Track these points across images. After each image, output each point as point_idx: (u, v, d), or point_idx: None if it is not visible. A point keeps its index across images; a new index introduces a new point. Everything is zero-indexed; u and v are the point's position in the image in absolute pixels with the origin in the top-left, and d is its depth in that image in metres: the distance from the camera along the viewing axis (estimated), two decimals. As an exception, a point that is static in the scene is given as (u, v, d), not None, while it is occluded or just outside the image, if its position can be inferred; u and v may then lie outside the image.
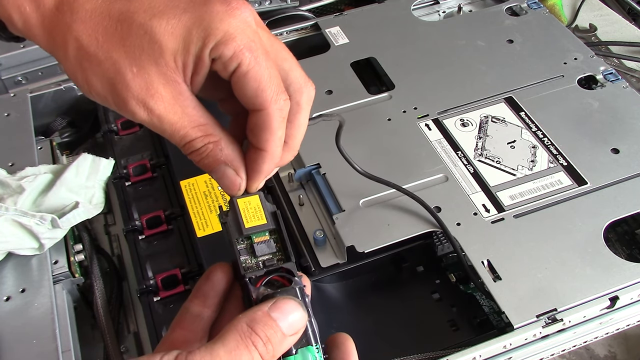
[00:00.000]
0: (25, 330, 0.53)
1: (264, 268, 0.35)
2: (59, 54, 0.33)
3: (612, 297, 0.52)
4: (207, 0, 0.32)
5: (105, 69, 0.32)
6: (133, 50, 0.31)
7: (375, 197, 0.60)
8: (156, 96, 0.32)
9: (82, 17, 0.32)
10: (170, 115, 0.32)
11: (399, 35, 0.78)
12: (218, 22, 0.31)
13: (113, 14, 0.32)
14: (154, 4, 0.32)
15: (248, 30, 0.32)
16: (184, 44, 0.31)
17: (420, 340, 0.56)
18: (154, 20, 0.31)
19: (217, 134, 0.34)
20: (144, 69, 0.31)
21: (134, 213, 0.64)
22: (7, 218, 0.56)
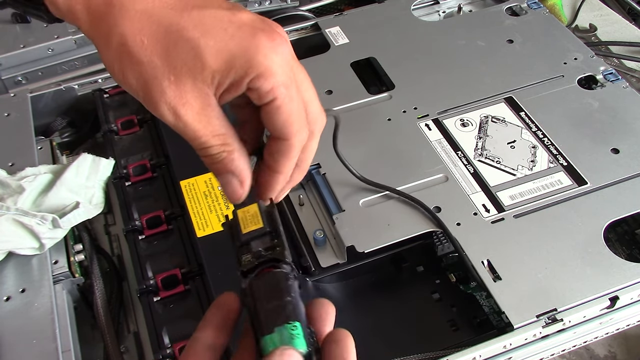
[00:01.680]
0: (25, 330, 0.53)
1: (256, 260, 0.36)
2: (99, 41, 0.35)
3: (612, 297, 0.52)
4: (254, 32, 0.33)
5: (144, 70, 0.33)
6: (175, 60, 0.33)
7: (375, 197, 0.60)
8: (187, 105, 0.34)
9: (131, 15, 0.33)
10: (195, 123, 0.34)
11: (399, 35, 0.78)
12: (262, 56, 0.33)
13: (163, 22, 0.33)
14: (204, 22, 0.33)
15: (287, 67, 0.34)
16: (226, 66, 0.33)
17: (420, 340, 0.56)
18: (202, 38, 0.33)
19: (233, 145, 0.36)
20: (181, 79, 0.33)
21: (134, 213, 0.64)
22: (8, 217, 0.56)
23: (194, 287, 0.59)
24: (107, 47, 0.34)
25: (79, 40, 0.83)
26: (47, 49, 0.80)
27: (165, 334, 0.55)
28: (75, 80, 0.77)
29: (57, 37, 0.81)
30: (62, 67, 0.82)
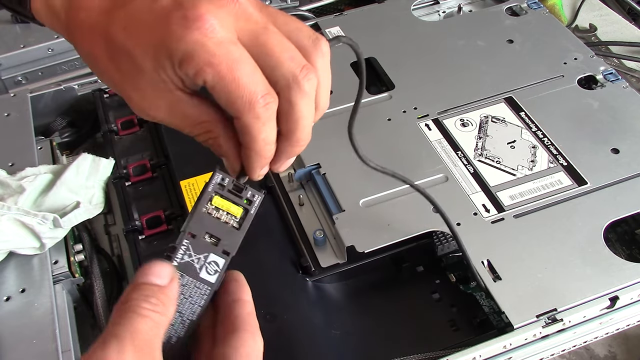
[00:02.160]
0: (25, 330, 0.53)
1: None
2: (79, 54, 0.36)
3: (612, 297, 0.52)
4: (168, 17, 0.31)
5: (111, 81, 0.34)
6: (123, 68, 0.33)
7: (375, 197, 0.60)
8: (154, 107, 0.34)
9: (84, 33, 0.34)
10: (171, 119, 0.34)
11: (399, 35, 0.78)
12: (176, 41, 0.31)
13: (102, 33, 0.33)
14: (128, 20, 0.32)
15: (209, 43, 0.31)
16: (158, 63, 0.32)
17: (420, 340, 0.56)
18: (129, 40, 0.32)
19: (217, 131, 0.35)
20: (137, 85, 0.33)
21: (134, 213, 0.64)
22: (9, 217, 0.56)
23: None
24: (82, 60, 0.36)
25: (79, 40, 0.83)
26: (47, 49, 0.81)
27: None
28: (75, 80, 0.77)
29: (57, 37, 0.81)
30: (62, 67, 0.82)
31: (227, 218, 0.35)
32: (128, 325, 0.30)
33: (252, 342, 0.34)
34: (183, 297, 0.34)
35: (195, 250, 0.35)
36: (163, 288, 0.32)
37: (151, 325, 0.31)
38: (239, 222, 0.35)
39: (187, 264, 0.34)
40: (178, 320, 0.34)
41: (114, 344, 0.29)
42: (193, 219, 0.35)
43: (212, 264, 0.35)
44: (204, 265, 0.35)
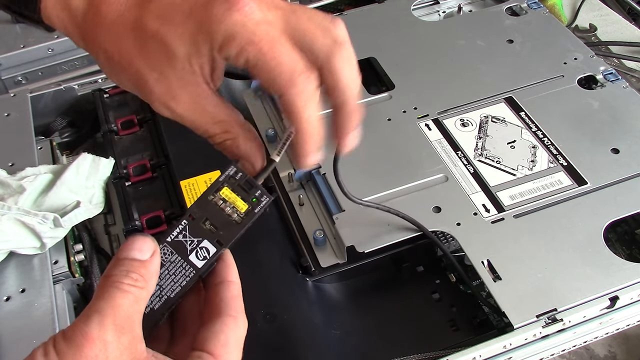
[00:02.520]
0: (25, 330, 0.53)
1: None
2: (92, 55, 0.36)
3: (612, 297, 0.52)
4: (207, 2, 0.32)
5: (130, 75, 0.34)
6: (152, 57, 0.33)
7: (375, 197, 0.60)
8: (176, 99, 0.34)
9: (105, 29, 0.34)
10: (190, 114, 0.35)
11: (399, 35, 0.78)
12: (217, 24, 0.32)
13: (131, 25, 0.34)
14: (162, 10, 0.33)
15: (249, 23, 0.32)
16: (195, 47, 0.33)
17: (420, 340, 0.56)
18: (163, 27, 0.33)
19: (235, 131, 0.35)
20: (163, 74, 0.33)
21: (134, 213, 0.64)
22: (10, 217, 0.56)
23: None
24: (99, 59, 0.36)
25: (79, 40, 0.83)
26: (47, 49, 0.81)
27: (165, 334, 0.55)
28: (75, 80, 0.77)
29: (57, 37, 0.81)
30: (62, 67, 0.82)
31: (231, 211, 0.35)
32: (109, 300, 0.31)
33: (234, 327, 0.35)
34: (167, 273, 0.35)
35: (191, 232, 0.35)
36: (144, 262, 0.33)
37: (132, 300, 0.31)
38: (241, 218, 0.35)
39: (179, 243, 0.35)
40: (156, 292, 0.35)
41: (95, 318, 0.30)
42: (197, 202, 0.35)
43: (203, 250, 0.35)
44: (195, 249, 0.35)
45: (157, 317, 0.35)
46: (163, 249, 0.35)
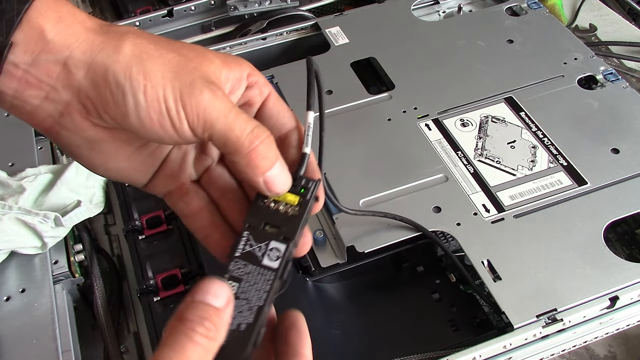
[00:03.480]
0: (25, 330, 0.53)
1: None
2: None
3: (612, 297, 0.52)
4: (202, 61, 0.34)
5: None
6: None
7: (376, 197, 0.60)
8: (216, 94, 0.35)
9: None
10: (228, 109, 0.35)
11: (399, 35, 0.78)
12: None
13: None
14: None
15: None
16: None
17: (420, 340, 0.56)
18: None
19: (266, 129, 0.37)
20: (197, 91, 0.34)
21: (134, 213, 0.64)
22: (11, 216, 0.56)
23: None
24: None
25: (79, 40, 0.83)
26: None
27: (165, 334, 0.55)
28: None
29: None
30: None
31: (285, 208, 0.36)
32: (179, 351, 0.30)
33: None
34: (249, 285, 0.35)
35: (256, 239, 0.36)
36: (218, 311, 0.32)
37: (201, 353, 0.31)
38: (296, 210, 0.36)
39: (249, 253, 0.36)
40: (245, 307, 0.35)
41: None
42: (250, 212, 0.36)
43: (274, 250, 0.36)
44: (265, 253, 0.36)
45: (255, 329, 0.35)
46: (235, 264, 0.36)
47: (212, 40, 0.87)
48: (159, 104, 0.32)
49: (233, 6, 0.87)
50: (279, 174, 0.35)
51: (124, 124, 0.33)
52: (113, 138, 0.35)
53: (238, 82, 0.36)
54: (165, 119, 0.33)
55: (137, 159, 0.37)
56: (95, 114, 0.33)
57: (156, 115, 0.32)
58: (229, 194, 0.39)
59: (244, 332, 0.34)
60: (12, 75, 0.32)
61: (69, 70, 0.32)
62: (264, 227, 0.36)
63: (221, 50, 0.77)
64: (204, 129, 0.33)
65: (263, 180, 0.35)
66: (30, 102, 0.33)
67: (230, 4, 0.87)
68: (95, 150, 0.35)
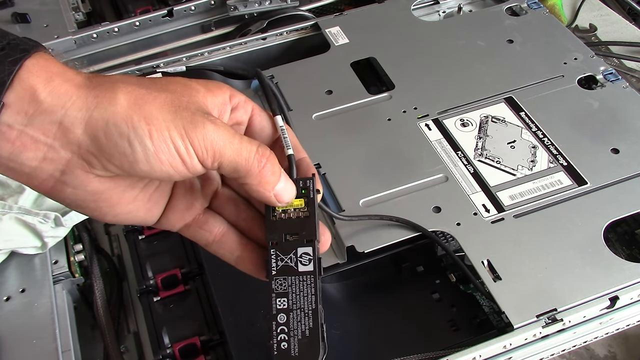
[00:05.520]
0: (25, 330, 0.53)
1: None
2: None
3: (612, 297, 0.52)
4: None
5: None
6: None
7: (375, 197, 0.60)
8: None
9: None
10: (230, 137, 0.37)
11: (399, 35, 0.78)
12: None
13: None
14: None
15: None
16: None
17: (420, 340, 0.56)
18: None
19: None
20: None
21: (134, 213, 0.64)
22: (11, 216, 0.56)
23: (194, 287, 0.59)
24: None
25: (79, 40, 0.83)
26: (47, 48, 0.80)
27: (165, 334, 0.55)
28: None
29: (57, 37, 0.81)
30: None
31: (296, 213, 0.38)
32: None
33: None
34: (296, 296, 0.38)
35: (283, 252, 0.38)
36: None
37: None
38: (306, 211, 0.38)
39: (284, 268, 0.38)
40: (302, 315, 0.37)
41: None
42: (267, 229, 0.38)
43: (304, 256, 0.38)
44: (297, 260, 0.38)
45: (319, 330, 0.37)
46: (276, 282, 0.38)
47: (212, 40, 0.87)
48: (167, 145, 0.33)
49: (233, 6, 0.87)
50: (285, 185, 0.37)
51: (132, 171, 0.34)
52: (117, 185, 0.35)
53: (223, 105, 0.38)
54: (175, 158, 0.33)
55: (143, 198, 0.38)
56: (99, 166, 0.33)
57: (166, 156, 0.33)
58: (244, 213, 0.41)
59: (310, 337, 0.37)
60: (7, 137, 0.32)
61: (66, 128, 0.32)
62: (286, 238, 0.38)
63: (221, 50, 0.77)
64: (214, 159, 0.34)
65: (273, 194, 0.37)
66: (28, 164, 0.33)
67: (230, 4, 0.87)
68: (101, 200, 0.36)
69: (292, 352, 0.37)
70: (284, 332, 0.37)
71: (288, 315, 0.37)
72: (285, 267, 0.38)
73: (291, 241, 0.38)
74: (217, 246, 0.41)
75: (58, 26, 0.83)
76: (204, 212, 0.41)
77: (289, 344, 0.37)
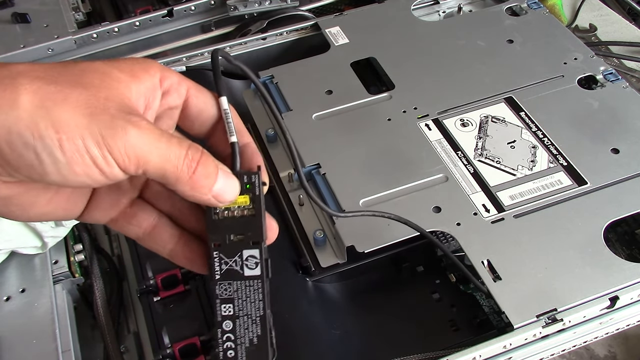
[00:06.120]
0: (25, 330, 0.53)
1: None
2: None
3: (612, 297, 0.52)
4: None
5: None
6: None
7: (375, 197, 0.60)
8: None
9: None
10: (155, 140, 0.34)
11: (399, 35, 0.78)
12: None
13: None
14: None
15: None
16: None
17: (420, 340, 0.56)
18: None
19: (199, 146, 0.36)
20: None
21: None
22: (9, 217, 0.56)
23: (194, 287, 0.59)
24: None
25: (79, 40, 0.83)
26: (47, 49, 0.81)
27: (165, 334, 0.55)
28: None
29: (57, 37, 0.81)
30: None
31: (240, 211, 0.35)
32: None
33: None
34: (242, 301, 0.35)
35: (227, 255, 0.35)
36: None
37: None
38: (252, 208, 0.35)
39: (227, 271, 0.35)
40: (249, 322, 0.35)
41: None
42: (209, 229, 0.35)
43: (250, 259, 0.35)
44: (243, 264, 0.35)
45: (267, 337, 0.35)
46: (220, 287, 0.35)
47: (212, 40, 0.87)
48: (81, 156, 0.29)
49: (233, 6, 0.87)
50: (224, 184, 0.33)
51: (43, 180, 0.30)
52: (27, 190, 0.32)
53: (152, 92, 0.33)
54: (92, 169, 0.29)
55: (59, 200, 0.34)
56: (5, 174, 0.29)
57: (80, 167, 0.29)
58: (178, 202, 0.37)
59: (258, 344, 0.34)
60: None
61: None
62: (229, 239, 0.35)
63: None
64: (138, 167, 0.30)
65: (212, 196, 0.33)
66: None
67: (230, 4, 0.87)
68: (12, 205, 0.32)
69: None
70: (230, 339, 0.35)
71: (234, 322, 0.35)
72: (230, 271, 0.35)
73: (236, 242, 0.35)
74: (148, 240, 0.37)
75: (58, 26, 0.83)
76: (132, 204, 0.37)
77: (236, 352, 0.35)
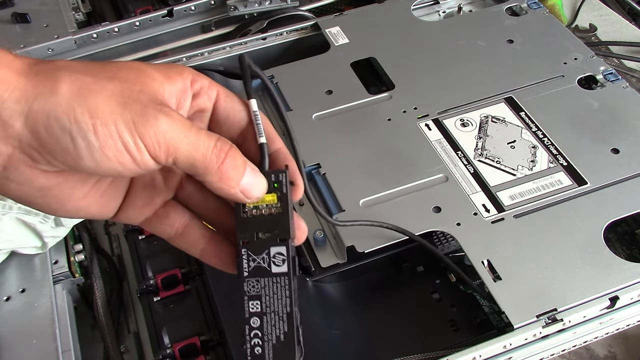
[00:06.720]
0: (25, 330, 0.53)
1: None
2: None
3: (612, 297, 0.52)
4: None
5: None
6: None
7: (375, 197, 0.60)
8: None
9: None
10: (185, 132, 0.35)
11: (399, 35, 0.78)
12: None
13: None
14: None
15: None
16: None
17: (420, 340, 0.56)
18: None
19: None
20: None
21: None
22: (11, 216, 0.56)
23: (194, 287, 0.59)
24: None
25: (79, 40, 0.83)
26: (47, 49, 0.81)
27: (165, 334, 0.55)
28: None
29: (57, 37, 0.81)
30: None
31: (268, 209, 0.36)
32: None
33: None
34: (269, 298, 0.35)
35: (255, 252, 0.36)
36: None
37: None
38: (279, 207, 0.36)
39: (255, 268, 0.36)
40: (276, 318, 0.35)
41: None
42: (238, 227, 0.36)
43: (277, 256, 0.36)
44: (270, 261, 0.36)
45: (294, 334, 0.35)
46: (248, 284, 0.35)
47: (212, 40, 0.87)
48: (114, 141, 0.30)
49: (233, 6, 0.87)
50: (252, 180, 0.34)
51: (77, 167, 0.31)
52: (65, 180, 0.33)
53: (183, 93, 0.34)
54: (124, 155, 0.31)
55: (95, 194, 0.35)
56: (43, 161, 0.31)
57: (113, 152, 0.30)
58: (212, 203, 0.38)
59: (285, 341, 0.35)
60: None
61: (4, 122, 0.30)
62: (257, 236, 0.36)
63: (221, 50, 0.77)
64: (168, 155, 0.31)
65: (239, 190, 0.34)
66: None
67: (230, 4, 0.87)
68: (50, 196, 0.33)
69: (266, 357, 0.35)
70: (258, 336, 0.35)
71: (262, 318, 0.35)
72: (258, 267, 0.35)
73: (263, 240, 0.36)
74: (180, 240, 0.38)
75: (58, 26, 0.83)
76: (166, 204, 0.38)
77: (264, 349, 0.35)
